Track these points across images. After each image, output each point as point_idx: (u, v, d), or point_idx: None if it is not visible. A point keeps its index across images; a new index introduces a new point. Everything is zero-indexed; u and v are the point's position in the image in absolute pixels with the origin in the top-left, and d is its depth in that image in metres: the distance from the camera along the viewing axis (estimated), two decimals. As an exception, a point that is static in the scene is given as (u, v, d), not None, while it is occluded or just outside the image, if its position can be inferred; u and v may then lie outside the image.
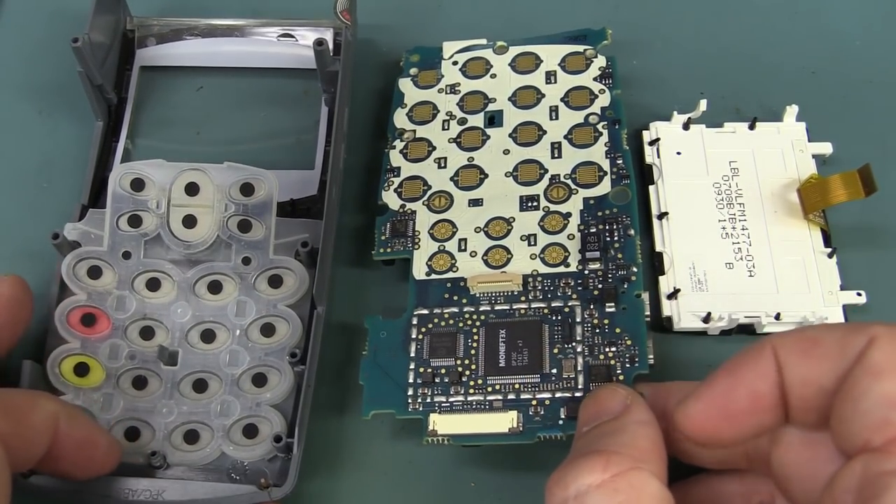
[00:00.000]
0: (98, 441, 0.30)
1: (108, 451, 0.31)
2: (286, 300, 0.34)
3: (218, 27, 0.41)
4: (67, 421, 0.29)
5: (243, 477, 0.32)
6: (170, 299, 0.35)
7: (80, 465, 0.30)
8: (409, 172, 0.37)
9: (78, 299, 0.34)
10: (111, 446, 0.31)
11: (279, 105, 0.40)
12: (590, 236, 0.34)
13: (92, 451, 0.30)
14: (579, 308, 0.32)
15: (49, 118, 0.41)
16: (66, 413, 0.29)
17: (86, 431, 0.30)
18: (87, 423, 0.30)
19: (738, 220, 0.36)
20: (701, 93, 0.38)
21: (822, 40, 0.41)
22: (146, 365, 0.34)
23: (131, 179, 0.35)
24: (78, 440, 0.30)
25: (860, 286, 0.35)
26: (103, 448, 0.30)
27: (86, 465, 0.30)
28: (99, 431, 0.31)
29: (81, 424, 0.30)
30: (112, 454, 0.31)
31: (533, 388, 0.31)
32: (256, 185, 0.35)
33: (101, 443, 0.30)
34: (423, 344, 0.33)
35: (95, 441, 0.30)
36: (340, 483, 0.33)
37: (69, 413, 0.30)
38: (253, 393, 0.33)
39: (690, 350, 0.35)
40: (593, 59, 0.38)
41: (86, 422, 0.30)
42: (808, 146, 0.38)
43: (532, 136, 0.37)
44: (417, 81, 0.39)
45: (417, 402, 0.32)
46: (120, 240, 0.35)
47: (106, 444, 0.31)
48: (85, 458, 0.30)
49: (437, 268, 0.34)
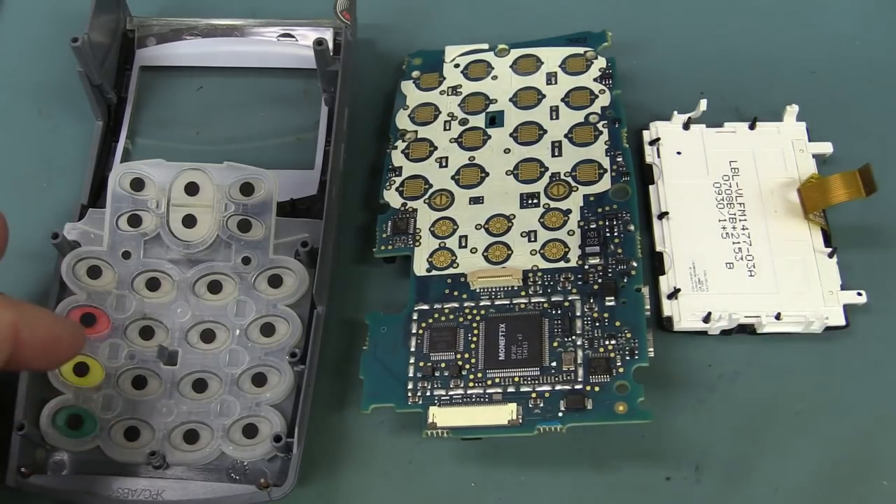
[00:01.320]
0: (61, 337, 0.30)
1: (72, 341, 0.30)
2: (286, 300, 0.35)
3: (218, 27, 0.42)
4: (27, 327, 0.28)
5: (243, 477, 0.33)
6: (169, 299, 0.35)
7: (45, 361, 0.30)
8: (410, 172, 0.38)
9: (77, 299, 0.35)
10: (74, 336, 0.31)
11: (279, 105, 0.41)
12: (590, 232, 0.35)
13: (56, 348, 0.30)
14: (579, 302, 0.33)
15: (49, 118, 0.42)
16: (25, 319, 0.28)
17: (47, 332, 0.29)
18: (47, 322, 0.30)
19: (738, 220, 0.37)
20: (701, 93, 0.39)
21: (822, 40, 0.42)
22: (146, 365, 0.34)
23: (131, 179, 0.36)
24: (41, 342, 0.29)
25: (860, 286, 0.36)
26: (66, 341, 0.30)
27: (51, 360, 0.31)
28: (60, 325, 0.30)
29: (42, 326, 0.29)
30: (76, 342, 0.31)
31: (532, 380, 0.32)
32: (256, 184, 0.36)
33: (64, 337, 0.30)
34: (423, 338, 0.34)
35: (58, 338, 0.30)
36: (340, 481, 0.34)
37: (28, 318, 0.29)
38: (253, 393, 0.34)
39: (690, 350, 0.35)
40: (593, 60, 0.40)
41: (46, 321, 0.30)
42: (808, 146, 0.39)
43: (533, 136, 0.38)
44: (419, 84, 0.41)
45: (417, 396, 0.33)
46: (120, 240, 0.36)
47: (69, 336, 0.30)
48: (50, 356, 0.30)
49: (438, 264, 0.35)
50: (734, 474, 0.33)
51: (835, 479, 0.33)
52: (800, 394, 0.35)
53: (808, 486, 0.33)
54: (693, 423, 0.34)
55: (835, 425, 0.34)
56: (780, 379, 0.35)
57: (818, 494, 0.33)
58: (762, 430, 0.34)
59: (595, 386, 0.31)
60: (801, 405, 0.35)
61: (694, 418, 0.34)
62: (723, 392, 0.35)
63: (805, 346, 0.35)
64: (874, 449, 0.34)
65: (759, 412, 0.34)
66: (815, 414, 0.34)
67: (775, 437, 0.34)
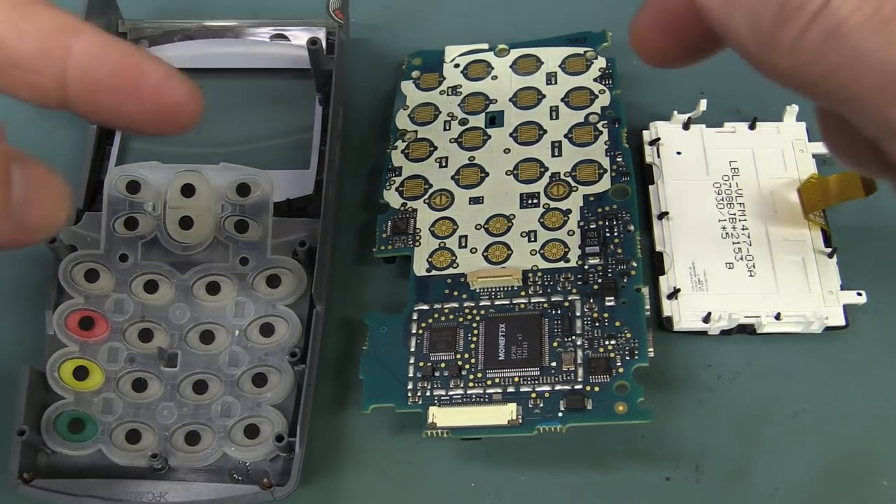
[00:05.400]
0: (144, 66, 0.23)
1: (190, 96, 0.24)
2: (285, 300, 0.37)
3: (210, 29, 0.44)
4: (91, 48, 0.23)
5: (245, 477, 0.35)
6: (168, 301, 0.37)
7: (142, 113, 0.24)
8: (410, 172, 0.40)
9: (75, 303, 0.37)
10: (187, 88, 0.24)
11: (273, 105, 0.43)
12: (590, 232, 0.37)
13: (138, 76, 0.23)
14: (579, 302, 0.35)
15: (43, 122, 0.43)
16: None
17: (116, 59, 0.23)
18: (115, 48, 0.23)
19: (738, 220, 0.39)
20: (701, 93, 0.41)
21: None
22: (146, 367, 0.36)
23: (127, 182, 0.38)
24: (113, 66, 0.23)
25: (860, 286, 0.37)
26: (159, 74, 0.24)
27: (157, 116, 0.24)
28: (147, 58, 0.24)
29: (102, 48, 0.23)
30: (195, 99, 0.24)
31: (532, 380, 0.34)
32: (252, 185, 0.38)
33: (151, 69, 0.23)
34: (423, 338, 0.36)
35: (139, 66, 0.23)
36: (340, 481, 0.36)
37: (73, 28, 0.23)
38: (253, 393, 0.36)
39: (690, 350, 0.37)
40: (593, 60, 0.42)
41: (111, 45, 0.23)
42: (808, 146, 0.40)
43: (532, 136, 0.40)
44: (419, 84, 0.43)
45: (417, 396, 0.35)
46: (116, 242, 0.37)
47: (178, 84, 0.24)
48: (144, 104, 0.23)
49: (438, 264, 0.38)
50: (734, 474, 0.35)
51: (834, 479, 0.35)
52: (799, 394, 0.36)
53: (807, 486, 0.35)
54: (693, 423, 0.36)
55: (834, 425, 0.36)
56: (780, 379, 0.37)
57: (818, 494, 0.35)
58: (762, 430, 0.36)
59: (595, 386, 0.33)
60: (801, 405, 0.36)
61: (694, 418, 0.36)
62: (723, 392, 0.37)
63: (805, 346, 0.37)
64: (874, 449, 0.35)
65: (759, 412, 0.36)
66: (814, 414, 0.36)
67: (775, 437, 0.36)
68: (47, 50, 0.22)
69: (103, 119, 0.24)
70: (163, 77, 0.23)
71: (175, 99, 0.24)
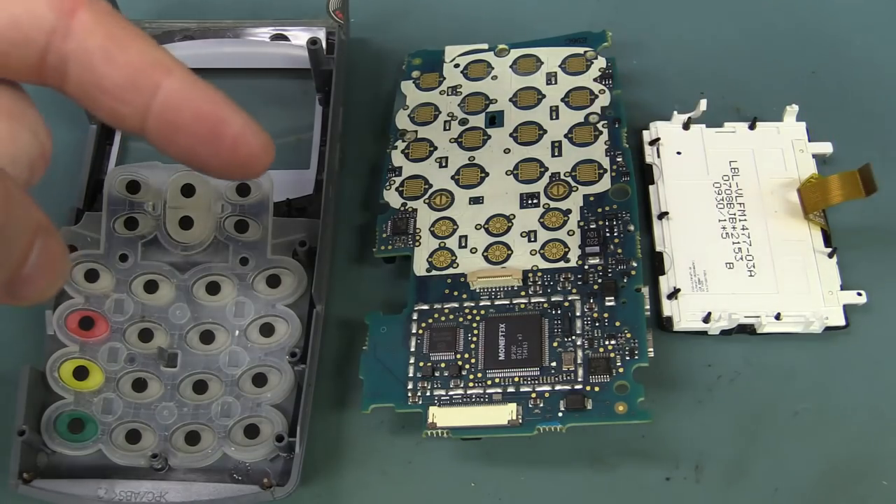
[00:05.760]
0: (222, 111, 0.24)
1: (264, 145, 0.25)
2: (285, 300, 0.37)
3: (210, 29, 0.44)
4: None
5: (246, 477, 0.35)
6: (168, 301, 0.37)
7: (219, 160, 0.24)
8: (410, 172, 0.40)
9: (75, 303, 0.37)
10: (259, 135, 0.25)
11: (273, 105, 0.43)
12: (590, 232, 0.37)
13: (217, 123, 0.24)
14: (579, 302, 0.36)
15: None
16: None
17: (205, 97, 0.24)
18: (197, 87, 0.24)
19: (738, 220, 0.39)
20: (701, 93, 0.41)
21: (822, 40, 0.45)
22: (146, 367, 0.36)
23: (126, 182, 0.38)
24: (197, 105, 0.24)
25: (860, 286, 0.38)
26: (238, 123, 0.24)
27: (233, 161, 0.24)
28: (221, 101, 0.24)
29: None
30: (267, 147, 0.25)
31: (532, 380, 0.34)
32: (252, 185, 0.38)
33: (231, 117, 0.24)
34: (423, 338, 0.36)
35: (222, 114, 0.24)
36: (340, 481, 0.36)
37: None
38: (253, 393, 0.36)
39: (690, 350, 0.38)
40: (593, 60, 0.42)
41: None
42: (808, 146, 0.41)
43: (532, 136, 0.41)
44: (419, 84, 0.43)
45: (417, 396, 0.35)
46: (116, 242, 0.38)
47: (252, 131, 0.24)
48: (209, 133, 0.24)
49: (438, 264, 0.38)
50: (734, 474, 0.35)
51: (834, 479, 0.35)
52: (799, 394, 0.37)
53: (807, 486, 0.35)
54: (693, 423, 0.36)
55: (834, 425, 0.36)
56: (780, 379, 0.37)
57: (818, 494, 0.35)
58: (762, 429, 0.36)
59: (595, 386, 0.34)
60: (801, 405, 0.36)
61: (693, 418, 0.36)
62: (722, 392, 0.37)
63: (805, 346, 0.37)
64: (874, 449, 0.36)
65: (759, 412, 0.36)
66: (814, 414, 0.36)
67: (775, 437, 0.36)
68: (136, 83, 0.23)
69: (175, 156, 0.25)
70: (241, 127, 0.24)
71: (250, 150, 0.25)
